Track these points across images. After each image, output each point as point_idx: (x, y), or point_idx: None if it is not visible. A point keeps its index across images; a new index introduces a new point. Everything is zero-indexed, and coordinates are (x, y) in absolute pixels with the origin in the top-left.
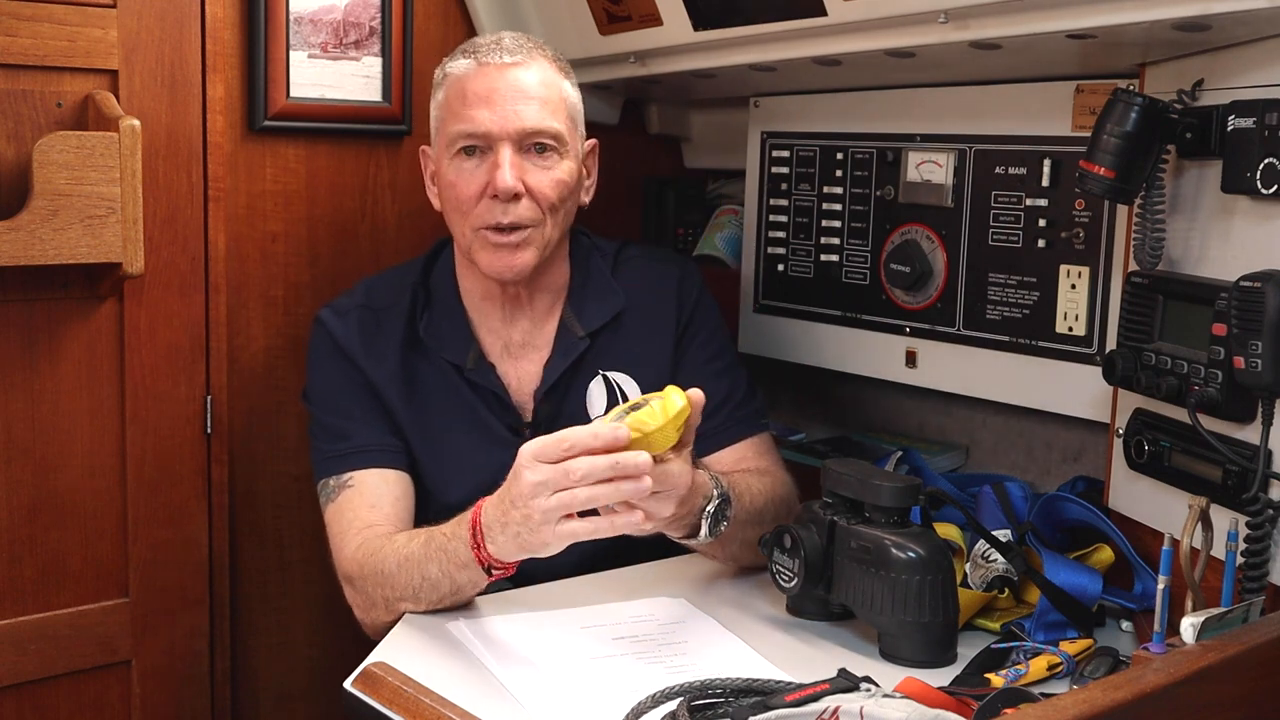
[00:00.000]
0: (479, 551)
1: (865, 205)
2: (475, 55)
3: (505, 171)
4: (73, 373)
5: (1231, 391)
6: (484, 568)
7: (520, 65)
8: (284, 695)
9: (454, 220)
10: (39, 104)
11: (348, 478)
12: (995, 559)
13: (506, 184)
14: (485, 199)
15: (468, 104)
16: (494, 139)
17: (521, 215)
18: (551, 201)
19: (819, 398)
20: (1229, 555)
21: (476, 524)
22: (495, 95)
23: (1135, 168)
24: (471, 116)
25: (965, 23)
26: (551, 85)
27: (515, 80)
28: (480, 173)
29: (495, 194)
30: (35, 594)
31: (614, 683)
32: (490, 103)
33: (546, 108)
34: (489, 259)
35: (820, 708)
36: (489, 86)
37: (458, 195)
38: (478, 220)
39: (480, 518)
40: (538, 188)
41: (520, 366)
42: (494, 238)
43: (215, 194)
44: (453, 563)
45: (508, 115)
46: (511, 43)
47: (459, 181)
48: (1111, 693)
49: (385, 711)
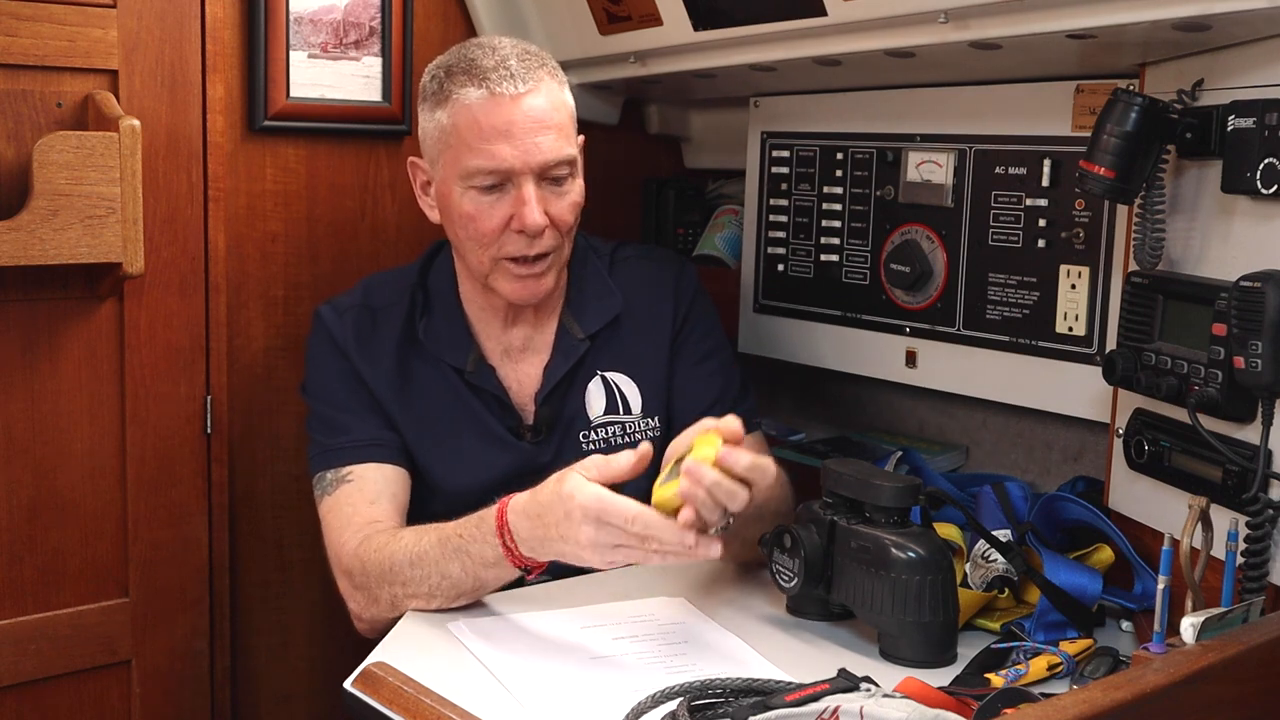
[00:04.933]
0: (513, 556)
1: (865, 205)
2: (487, 84)
3: (533, 210)
4: (73, 373)
5: (1231, 391)
6: (521, 569)
7: (532, 92)
8: (284, 695)
9: (470, 248)
10: (39, 104)
11: (346, 471)
12: (995, 559)
13: (537, 222)
14: (509, 231)
15: (485, 139)
16: (517, 174)
17: (546, 245)
18: (570, 225)
19: (819, 398)
20: (1229, 555)
21: (505, 528)
22: (515, 129)
23: (1135, 168)
24: (491, 153)
25: (965, 23)
26: (560, 107)
27: (530, 110)
28: (502, 206)
29: (522, 229)
30: (35, 594)
31: (614, 683)
32: (510, 137)
33: (562, 135)
34: (513, 288)
35: (820, 708)
36: (506, 119)
37: (479, 228)
38: (500, 252)
39: (509, 526)
40: (558, 215)
41: (520, 369)
42: (517, 269)
43: (215, 194)
44: (478, 562)
45: (529, 149)
46: (518, 65)
47: (479, 215)
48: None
49: (385, 711)
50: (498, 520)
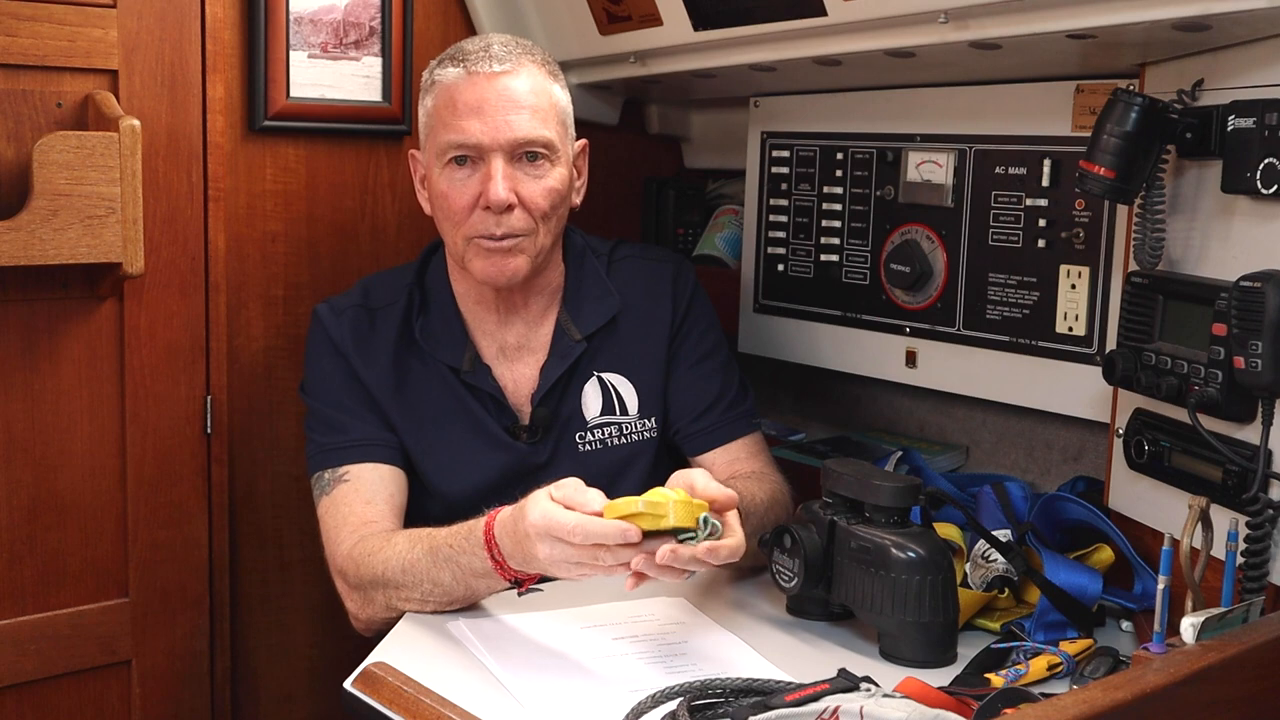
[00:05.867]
0: (503, 570)
1: (865, 205)
2: (465, 64)
3: (498, 184)
4: (73, 373)
5: (1231, 391)
6: (512, 581)
7: (510, 73)
8: (284, 695)
9: (446, 229)
10: (39, 104)
11: (343, 471)
12: (995, 559)
13: (500, 197)
14: (478, 209)
15: (458, 114)
16: (485, 150)
17: (514, 225)
18: (544, 210)
19: (819, 398)
20: (1229, 555)
21: (492, 541)
22: (486, 105)
23: (1135, 168)
24: (462, 127)
25: (965, 23)
26: (541, 92)
27: (505, 89)
28: (472, 183)
29: (488, 205)
30: (35, 594)
31: (614, 683)
32: (481, 113)
33: (537, 116)
34: (482, 265)
35: (820, 708)
36: (479, 96)
37: (450, 205)
38: (470, 230)
39: (495, 541)
40: (530, 198)
41: (516, 369)
42: (487, 244)
43: (215, 194)
44: (468, 573)
45: (499, 125)
46: (500, 49)
47: (451, 192)
48: (1111, 693)
49: (385, 711)
50: (485, 534)
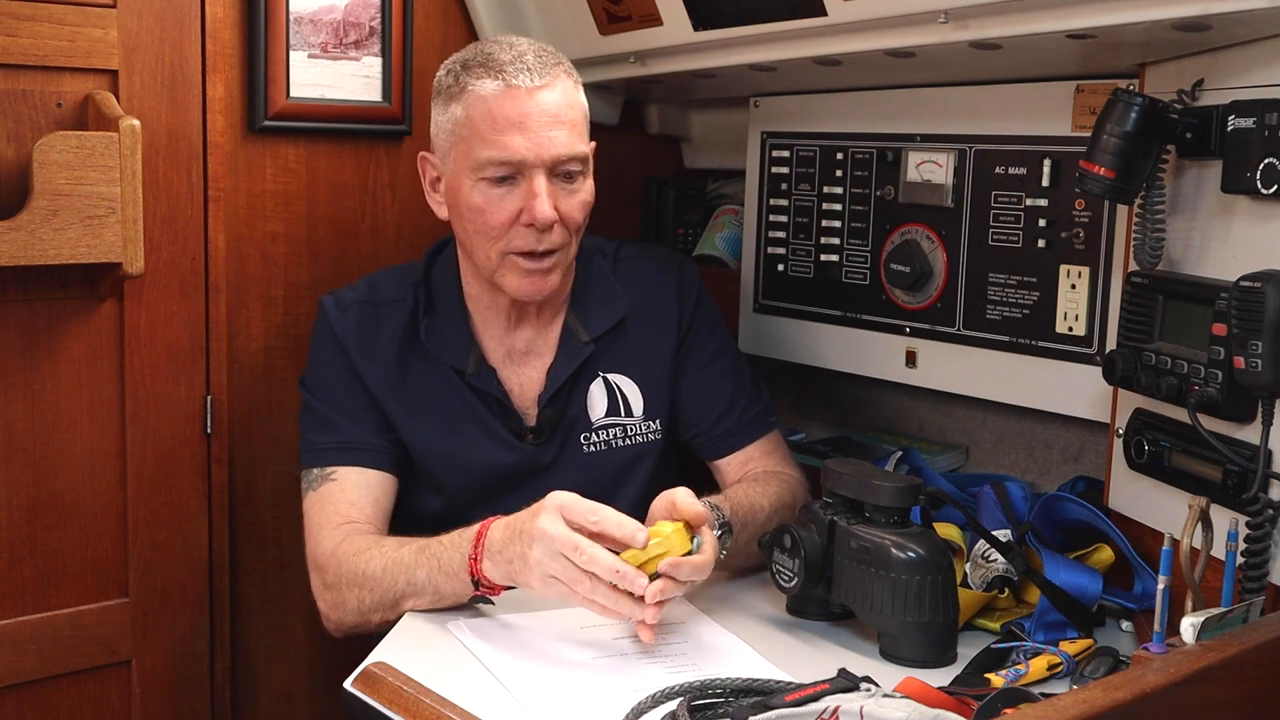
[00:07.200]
0: (475, 564)
1: (865, 205)
2: (503, 76)
3: (544, 202)
4: (73, 373)
5: (1231, 391)
6: (473, 579)
7: (548, 87)
8: (284, 695)
9: (478, 242)
10: (39, 104)
11: (331, 471)
12: (995, 559)
13: (547, 215)
14: (518, 225)
15: (499, 129)
16: (529, 167)
17: (555, 241)
18: (579, 224)
19: (819, 398)
20: (1229, 555)
21: (481, 538)
22: (529, 121)
23: (1135, 168)
24: (504, 144)
25: (965, 23)
26: (575, 105)
27: (545, 104)
28: (512, 199)
29: (532, 223)
30: (35, 594)
31: (614, 683)
32: (524, 129)
33: (575, 131)
34: (518, 283)
35: (820, 708)
36: (521, 111)
37: (487, 220)
38: (508, 246)
39: (487, 534)
40: (568, 213)
41: (523, 372)
42: (526, 264)
43: (215, 194)
44: (442, 570)
45: (542, 143)
46: (535, 60)
47: (489, 208)
48: (1111, 693)
49: (385, 711)
50: (479, 529)
